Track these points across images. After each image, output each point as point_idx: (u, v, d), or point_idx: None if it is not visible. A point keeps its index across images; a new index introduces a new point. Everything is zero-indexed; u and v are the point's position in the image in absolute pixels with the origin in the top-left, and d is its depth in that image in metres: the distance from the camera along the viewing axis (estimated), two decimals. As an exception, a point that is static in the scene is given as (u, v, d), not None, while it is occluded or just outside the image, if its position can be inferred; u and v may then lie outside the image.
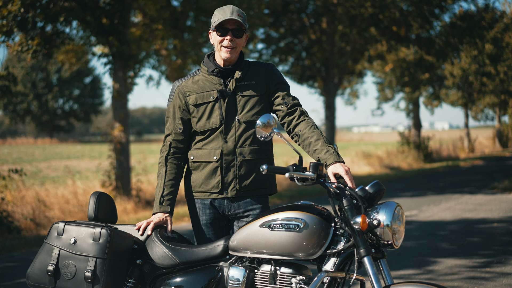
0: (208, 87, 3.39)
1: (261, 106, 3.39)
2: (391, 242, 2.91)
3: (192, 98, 3.40)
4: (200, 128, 3.39)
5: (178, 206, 12.56)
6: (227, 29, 3.32)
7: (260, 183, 3.39)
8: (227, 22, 3.32)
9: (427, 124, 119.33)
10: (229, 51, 3.33)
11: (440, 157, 29.46)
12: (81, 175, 18.32)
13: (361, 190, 3.01)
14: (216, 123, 3.35)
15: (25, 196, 10.95)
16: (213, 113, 3.36)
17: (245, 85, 3.38)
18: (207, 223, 3.43)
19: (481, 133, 49.41)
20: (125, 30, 12.49)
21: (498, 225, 9.20)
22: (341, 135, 52.40)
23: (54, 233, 3.29)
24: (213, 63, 3.41)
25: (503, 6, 26.95)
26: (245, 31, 3.37)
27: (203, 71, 3.45)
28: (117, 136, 12.61)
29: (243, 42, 3.38)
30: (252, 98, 3.38)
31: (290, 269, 3.05)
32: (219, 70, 3.39)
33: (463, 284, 5.63)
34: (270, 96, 3.43)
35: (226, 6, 3.35)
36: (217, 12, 3.35)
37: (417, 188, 15.64)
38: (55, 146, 42.54)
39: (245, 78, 3.40)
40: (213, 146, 3.36)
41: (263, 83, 3.41)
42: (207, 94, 3.38)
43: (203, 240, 3.45)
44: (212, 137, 3.37)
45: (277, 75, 3.45)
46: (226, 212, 3.41)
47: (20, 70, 50.34)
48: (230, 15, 3.29)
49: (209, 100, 3.37)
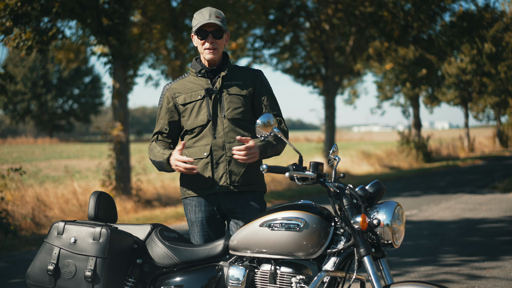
0: (196, 87, 3.51)
1: (247, 105, 3.49)
2: (391, 241, 2.92)
3: (181, 98, 3.51)
4: (189, 126, 3.49)
5: (178, 206, 12.57)
6: (207, 32, 3.45)
7: (250, 179, 3.45)
8: (206, 26, 3.43)
9: (427, 124, 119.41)
10: (211, 52, 3.45)
11: (440, 156, 29.46)
12: (81, 175, 18.33)
13: (361, 190, 3.02)
14: (204, 120, 3.45)
15: (25, 195, 10.94)
16: (201, 110, 3.46)
17: (232, 84, 3.50)
18: (203, 220, 3.46)
19: (481, 132, 49.43)
20: (125, 29, 12.48)
21: (498, 225, 9.20)
22: (341, 134, 52.34)
23: (54, 232, 3.29)
24: (200, 65, 3.53)
25: (503, 6, 26.88)
26: (225, 31, 3.48)
27: (191, 73, 3.57)
28: (117, 136, 12.61)
29: (224, 41, 3.50)
30: (238, 97, 3.48)
31: (290, 269, 3.06)
32: (205, 71, 3.50)
33: (463, 284, 5.63)
34: (255, 98, 3.52)
35: (204, 8, 3.46)
36: (196, 16, 3.47)
37: (417, 188, 15.64)
38: (55, 146, 42.53)
39: (233, 78, 3.51)
40: (203, 143, 3.45)
41: (250, 84, 3.52)
42: (195, 93, 3.49)
43: (200, 238, 3.47)
44: (201, 135, 3.46)
45: (264, 81, 3.57)
46: (222, 207, 3.45)
47: (20, 69, 50.34)
48: (208, 18, 3.41)
49: (197, 99, 3.48)
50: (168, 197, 13.47)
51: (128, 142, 12.86)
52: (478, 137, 40.77)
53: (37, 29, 10.82)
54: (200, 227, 3.46)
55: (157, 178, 16.17)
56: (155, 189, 13.76)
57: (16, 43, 10.73)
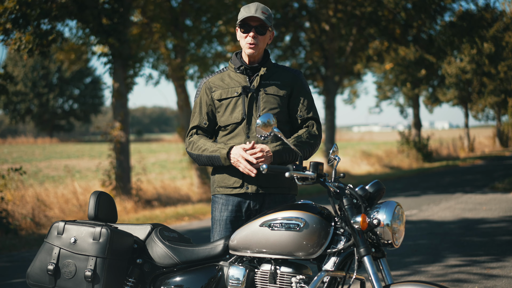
0: (234, 83, 3.45)
1: (283, 106, 3.43)
2: (391, 241, 2.91)
3: (217, 93, 3.46)
4: (223, 123, 3.44)
5: (178, 205, 12.58)
6: (250, 26, 3.39)
7: (281, 181, 3.39)
8: (250, 19, 3.38)
9: (427, 124, 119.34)
10: (252, 47, 3.39)
11: (440, 156, 29.46)
12: (81, 175, 18.33)
13: (361, 190, 3.02)
14: (238, 118, 3.40)
15: (25, 195, 10.94)
16: (236, 108, 3.41)
17: (270, 83, 3.44)
18: (227, 220, 3.42)
19: (481, 132, 49.42)
20: (125, 29, 12.48)
21: (498, 225, 9.20)
22: (341, 134, 52.39)
23: (54, 232, 3.29)
24: (240, 61, 3.48)
25: (503, 6, 26.89)
26: (269, 28, 3.42)
27: (230, 68, 3.52)
28: (117, 136, 12.61)
29: (267, 39, 3.44)
30: (275, 97, 3.42)
31: (290, 269, 3.05)
32: (245, 67, 3.45)
33: (463, 284, 5.63)
34: (291, 99, 3.46)
35: (252, 3, 3.41)
36: (242, 9, 3.42)
37: (417, 188, 15.64)
38: (55, 146, 42.53)
39: (272, 78, 3.45)
40: (236, 141, 3.40)
41: (289, 85, 3.46)
42: (232, 89, 3.44)
43: (220, 237, 3.43)
44: (235, 133, 3.41)
45: (303, 82, 3.51)
46: (251, 207, 3.40)
47: (21, 69, 50.33)
48: (253, 12, 3.36)
49: (233, 95, 3.42)
50: (168, 197, 13.48)
51: (128, 142, 12.86)
52: (478, 137, 40.77)
53: (37, 32, 10.81)
54: (223, 226, 3.43)
55: (157, 178, 16.18)
56: (155, 189, 13.76)
57: (17, 46, 10.74)
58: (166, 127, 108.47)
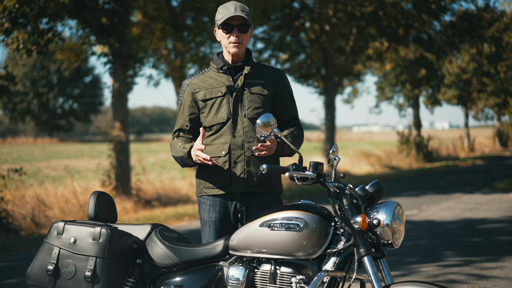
0: (217, 83, 3.45)
1: (268, 105, 3.45)
2: (391, 241, 2.91)
3: (201, 93, 3.45)
4: (208, 123, 3.44)
5: (178, 205, 12.57)
6: (232, 26, 3.39)
7: (267, 180, 3.41)
8: (231, 19, 3.38)
9: (427, 124, 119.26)
10: (236, 45, 3.39)
11: (440, 156, 29.45)
12: (81, 175, 18.33)
13: (361, 190, 3.02)
14: (224, 118, 3.40)
15: (25, 195, 10.94)
16: (221, 108, 3.41)
17: (254, 83, 3.44)
18: (216, 220, 3.42)
19: (481, 132, 49.39)
20: (125, 29, 12.48)
21: (498, 225, 9.20)
22: (341, 134, 52.34)
23: (54, 232, 3.29)
24: (222, 61, 3.48)
25: (503, 6, 26.87)
26: (250, 26, 3.43)
27: (213, 69, 3.51)
28: (117, 136, 12.61)
29: (248, 36, 3.45)
30: (260, 96, 3.43)
31: (290, 269, 3.05)
32: (228, 67, 3.45)
33: (463, 284, 5.63)
34: (276, 99, 3.49)
35: (229, 2, 3.40)
36: (221, 10, 3.40)
37: (417, 188, 15.63)
38: (55, 146, 42.52)
39: (256, 77, 3.46)
40: (222, 141, 3.40)
41: (272, 84, 3.47)
42: (216, 89, 3.43)
43: (211, 238, 3.44)
44: (220, 132, 3.41)
45: (286, 82, 3.54)
46: (238, 208, 3.41)
47: (20, 69, 50.31)
48: (233, 11, 3.35)
49: (218, 95, 3.42)
50: (168, 197, 13.47)
51: (128, 142, 12.86)
52: (478, 137, 40.75)
53: (36, 31, 10.79)
54: (213, 227, 3.43)
55: (156, 178, 16.17)
56: (155, 189, 13.76)
57: (16, 45, 10.72)
58: (166, 127, 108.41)
